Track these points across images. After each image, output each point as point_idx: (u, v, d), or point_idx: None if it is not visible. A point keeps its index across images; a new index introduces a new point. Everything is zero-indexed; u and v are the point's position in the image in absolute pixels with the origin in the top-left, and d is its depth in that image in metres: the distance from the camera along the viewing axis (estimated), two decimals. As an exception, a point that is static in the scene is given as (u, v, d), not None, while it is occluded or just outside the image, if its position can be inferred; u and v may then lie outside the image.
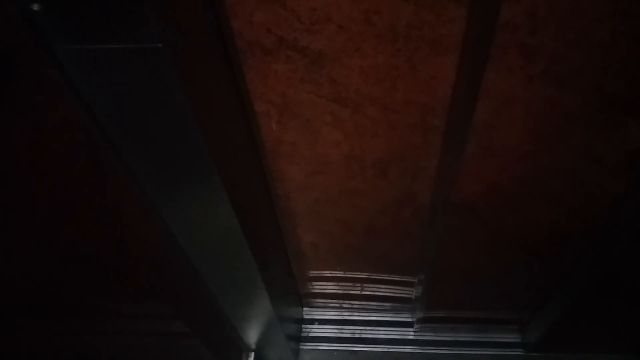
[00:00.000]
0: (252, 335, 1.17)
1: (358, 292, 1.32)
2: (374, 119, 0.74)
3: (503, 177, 0.81)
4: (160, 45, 0.46)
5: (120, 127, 0.55)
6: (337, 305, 1.39)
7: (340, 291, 1.33)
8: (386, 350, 1.35)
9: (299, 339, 1.37)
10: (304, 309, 1.41)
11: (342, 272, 1.24)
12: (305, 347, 1.36)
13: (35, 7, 0.42)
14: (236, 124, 0.72)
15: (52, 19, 0.44)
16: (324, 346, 1.36)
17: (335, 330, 1.38)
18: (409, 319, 1.39)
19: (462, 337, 1.37)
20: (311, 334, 1.38)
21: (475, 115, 0.68)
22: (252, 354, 1.25)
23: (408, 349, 1.35)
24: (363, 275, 1.25)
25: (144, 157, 0.59)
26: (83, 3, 0.43)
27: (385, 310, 1.39)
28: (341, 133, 0.77)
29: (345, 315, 1.40)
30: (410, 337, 1.37)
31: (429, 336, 1.37)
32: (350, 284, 1.30)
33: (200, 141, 0.57)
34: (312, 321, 1.39)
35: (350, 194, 0.93)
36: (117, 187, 0.62)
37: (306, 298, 1.38)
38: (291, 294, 1.29)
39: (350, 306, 1.39)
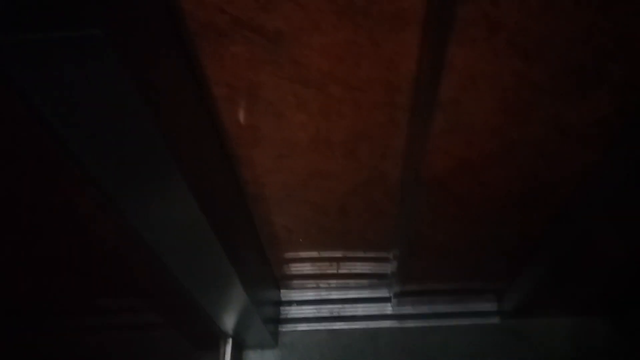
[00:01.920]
0: (228, 322, 1.16)
1: (334, 272, 1.32)
2: (339, 98, 0.72)
3: (472, 151, 0.80)
4: (101, 32, 0.43)
5: (66, 121, 0.52)
6: (314, 285, 1.39)
7: (316, 271, 1.32)
8: (365, 326, 1.36)
9: (277, 321, 1.37)
10: (281, 291, 1.40)
11: (317, 253, 1.24)
12: (284, 329, 1.36)
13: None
14: (195, 111, 0.69)
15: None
16: (303, 326, 1.36)
17: (314, 310, 1.38)
18: (387, 295, 1.40)
19: (440, 308, 1.39)
20: (290, 316, 1.37)
21: (440, 91, 0.67)
22: (230, 340, 1.24)
23: (387, 323, 1.36)
24: (338, 255, 1.25)
25: (96, 152, 0.56)
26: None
27: (362, 287, 1.40)
28: (306, 114, 0.75)
29: (323, 295, 1.40)
30: (389, 311, 1.38)
31: (406, 310, 1.38)
32: (326, 264, 1.29)
33: (154, 132, 0.55)
34: (290, 303, 1.39)
35: (320, 176, 0.91)
36: (67, 185, 0.59)
37: (283, 280, 1.37)
38: (267, 277, 1.28)
39: (327, 286, 1.39)
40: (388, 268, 1.29)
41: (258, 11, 0.59)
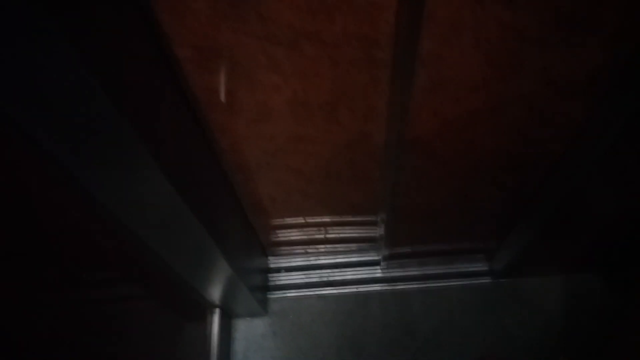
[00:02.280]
0: (214, 293, 1.14)
1: (322, 237, 1.29)
2: (314, 57, 0.67)
3: (457, 109, 0.76)
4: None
5: (17, 98, 0.47)
6: (302, 251, 1.37)
7: (304, 237, 1.30)
8: (355, 290, 1.34)
9: (266, 289, 1.35)
10: (269, 258, 1.38)
11: (304, 219, 1.21)
12: (273, 296, 1.34)
13: None
14: (157, 76, 0.64)
15: None
16: (293, 293, 1.34)
17: (303, 276, 1.36)
18: (376, 258, 1.38)
19: (430, 270, 1.37)
20: (278, 283, 1.36)
21: (421, 45, 0.62)
22: (218, 310, 1.22)
23: (377, 287, 1.35)
24: (325, 219, 1.22)
25: (52, 130, 0.52)
26: None
27: (351, 252, 1.38)
28: (279, 75, 0.70)
29: (312, 261, 1.38)
30: (378, 275, 1.36)
31: (396, 272, 1.37)
32: (314, 229, 1.27)
33: (109, 102, 0.50)
34: (278, 270, 1.37)
35: (300, 141, 0.87)
36: (30, 169, 0.55)
37: (270, 247, 1.35)
38: (252, 246, 1.25)
39: (315, 251, 1.37)
40: (376, 231, 1.27)
41: (218, -39, 0.53)
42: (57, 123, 0.52)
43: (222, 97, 0.74)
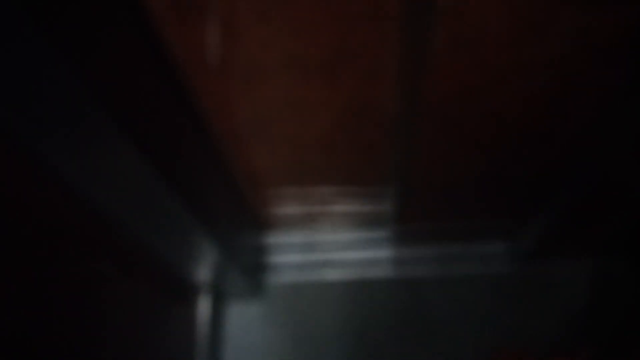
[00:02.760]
0: (203, 273, 1.11)
1: (323, 211, 1.26)
2: (311, 9, 0.62)
3: (479, 73, 0.71)
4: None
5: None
6: (301, 227, 1.34)
7: (303, 211, 1.26)
8: (360, 272, 1.32)
9: (261, 268, 1.33)
10: (265, 235, 1.35)
11: (303, 191, 1.17)
12: (269, 278, 1.32)
13: None
14: (128, 33, 0.59)
15: None
16: (290, 274, 1.32)
17: (302, 256, 1.33)
18: (384, 235, 1.34)
19: (445, 251, 1.34)
20: (274, 262, 1.33)
21: (438, -3, 0.57)
22: (208, 292, 1.20)
23: (383, 268, 1.32)
24: (327, 192, 1.18)
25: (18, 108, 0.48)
26: None
27: (356, 228, 1.34)
28: (272, 31, 0.65)
29: (312, 238, 1.35)
30: (385, 256, 1.33)
31: (406, 253, 1.33)
32: (314, 203, 1.23)
33: (68, 71, 0.46)
34: (275, 248, 1.34)
35: (297, 106, 0.82)
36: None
37: (266, 223, 1.32)
38: (245, 221, 1.22)
39: (316, 227, 1.34)
40: (384, 207, 1.23)
41: None
42: (13, 89, 0.48)
43: (206, 56, 0.69)
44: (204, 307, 1.20)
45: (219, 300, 1.26)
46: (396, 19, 0.63)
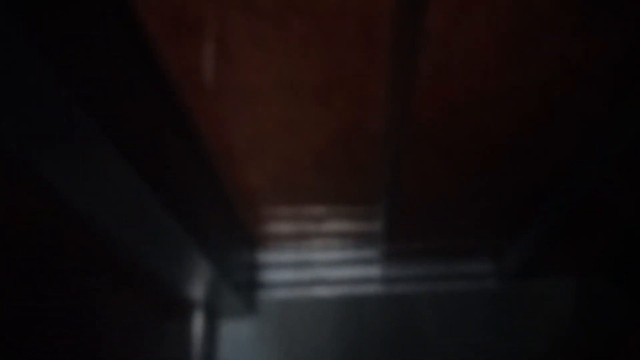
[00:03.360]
0: (195, 290, 1.11)
1: (315, 230, 1.26)
2: (303, 34, 0.63)
3: (465, 96, 0.72)
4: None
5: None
6: (293, 246, 1.34)
7: (295, 230, 1.27)
8: (350, 292, 1.32)
9: (254, 286, 1.32)
10: (257, 253, 1.35)
11: (295, 210, 1.18)
12: (261, 295, 1.32)
13: None
14: (125, 54, 0.60)
15: None
16: (283, 292, 1.32)
17: (294, 273, 1.33)
18: (374, 255, 1.35)
19: (433, 270, 1.34)
20: (267, 280, 1.33)
21: (426, 24, 0.58)
22: (201, 309, 1.19)
23: (373, 288, 1.32)
24: (319, 211, 1.19)
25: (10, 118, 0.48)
26: None
27: (347, 247, 1.35)
28: (264, 54, 0.67)
29: (304, 256, 1.35)
30: (376, 274, 1.33)
31: (395, 272, 1.34)
32: (306, 222, 1.23)
33: (62, 87, 0.47)
34: (267, 266, 1.34)
35: (289, 128, 0.83)
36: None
37: (258, 242, 1.32)
38: (238, 239, 1.22)
39: (308, 246, 1.34)
40: (374, 226, 1.24)
41: None
42: (10, 106, 0.48)
43: (201, 78, 0.70)
44: (197, 323, 1.19)
45: (213, 317, 1.26)
46: (385, 45, 0.64)
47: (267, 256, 1.35)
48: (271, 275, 1.33)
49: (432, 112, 0.76)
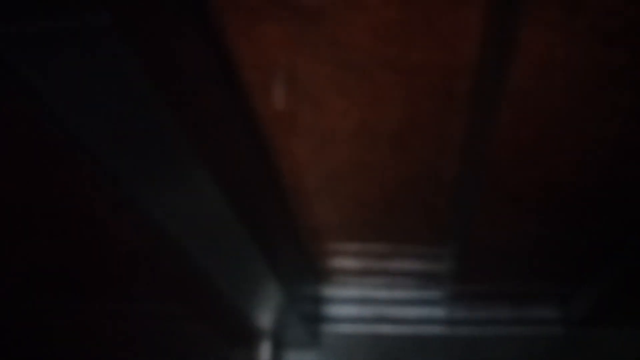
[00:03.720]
0: (265, 320, 1.14)
1: (381, 268, 1.27)
2: (386, 84, 0.67)
3: (541, 148, 0.73)
4: (108, 20, 0.39)
5: (80, 118, 0.49)
6: (358, 282, 1.35)
7: (360, 267, 1.28)
8: (413, 331, 1.31)
9: (318, 319, 1.34)
10: (323, 287, 1.37)
11: (362, 247, 1.20)
12: (325, 329, 1.33)
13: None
14: (223, 97, 0.65)
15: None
16: (346, 327, 1.33)
17: (358, 310, 1.34)
18: (438, 296, 1.34)
19: (498, 313, 1.32)
20: (331, 314, 1.35)
21: (507, 79, 0.60)
22: (268, 338, 1.22)
23: (437, 329, 1.31)
24: (385, 250, 1.20)
25: (111, 147, 0.54)
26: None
27: (411, 287, 1.35)
28: (348, 102, 0.70)
29: (368, 293, 1.36)
30: (440, 316, 1.33)
31: (460, 314, 1.32)
32: (372, 259, 1.25)
33: (172, 124, 0.52)
34: (331, 300, 1.36)
35: (365, 169, 0.86)
36: (83, 187, 0.57)
37: (324, 276, 1.34)
38: (306, 272, 1.25)
39: (372, 283, 1.35)
40: (441, 267, 1.24)
41: (294, -14, 0.54)
42: (122, 143, 0.54)
43: (287, 121, 0.75)
44: (264, 352, 1.22)
45: (278, 347, 1.28)
46: (464, 97, 0.67)
47: (332, 290, 1.37)
48: (335, 310, 1.35)
49: (506, 159, 0.77)
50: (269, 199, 0.91)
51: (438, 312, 1.33)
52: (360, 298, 1.35)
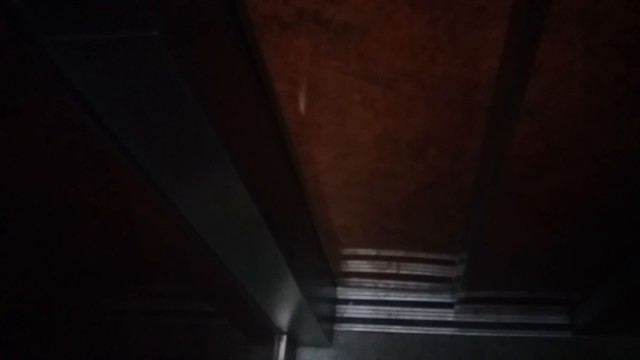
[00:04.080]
0: (282, 319, 1.15)
1: (394, 272, 1.28)
2: (409, 96, 0.68)
3: (556, 159, 0.74)
4: (156, 33, 0.41)
5: (123, 122, 0.51)
6: (372, 285, 1.36)
7: (375, 270, 1.30)
8: (424, 332, 1.32)
9: (333, 319, 1.35)
10: (338, 289, 1.39)
11: (377, 252, 1.21)
12: (339, 329, 1.34)
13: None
14: (255, 106, 0.67)
15: (35, 9, 0.40)
16: (359, 327, 1.34)
17: (371, 311, 1.35)
18: (449, 300, 1.35)
19: (506, 318, 1.32)
20: (345, 315, 1.36)
21: (526, 93, 0.61)
22: (285, 337, 1.24)
23: (448, 331, 1.32)
24: (399, 254, 1.21)
25: (152, 151, 0.55)
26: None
27: (423, 291, 1.35)
28: (372, 112, 0.72)
29: (381, 296, 1.37)
30: (450, 318, 1.33)
31: (470, 318, 1.33)
32: (386, 263, 1.26)
33: (210, 130, 0.53)
34: (346, 301, 1.37)
35: (384, 176, 0.87)
36: (123, 187, 0.58)
37: (340, 278, 1.35)
38: (323, 274, 1.26)
39: (386, 286, 1.36)
40: (452, 272, 1.25)
41: (325, 3, 0.56)
42: (162, 147, 0.56)
43: (312, 129, 0.76)
44: (280, 349, 1.23)
45: (294, 345, 1.29)
46: (484, 109, 0.68)
47: (348, 292, 1.38)
48: (350, 311, 1.36)
49: (521, 169, 0.78)
50: (292, 203, 0.93)
51: (448, 315, 1.33)
52: (373, 300, 1.36)
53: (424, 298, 1.35)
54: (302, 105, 0.71)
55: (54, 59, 0.43)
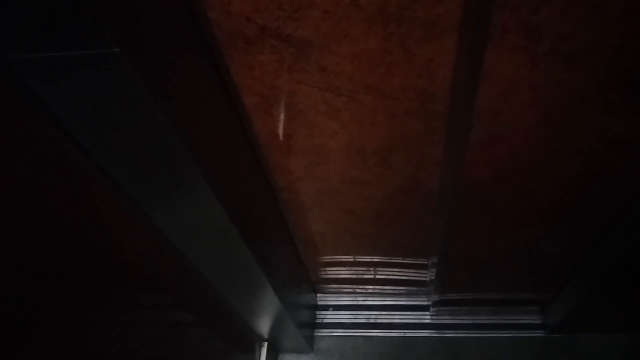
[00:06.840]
0: (263, 326, 1.15)
1: (371, 277, 1.29)
2: (371, 106, 0.70)
3: (513, 162, 0.76)
4: (118, 50, 0.42)
5: (92, 135, 0.52)
6: (350, 290, 1.37)
7: (353, 276, 1.30)
8: (402, 335, 1.33)
9: (313, 325, 1.36)
10: (317, 295, 1.39)
11: (353, 258, 1.22)
12: (320, 334, 1.34)
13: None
14: (225, 119, 0.68)
15: (0, 28, 0.41)
16: (339, 332, 1.34)
17: (350, 316, 1.36)
18: (425, 303, 1.36)
19: (481, 319, 1.34)
20: (325, 321, 1.36)
21: (478, 100, 0.63)
22: (266, 344, 1.24)
23: (424, 333, 1.33)
24: (375, 259, 1.22)
25: (122, 164, 0.56)
26: (33, 9, 0.40)
27: (400, 294, 1.36)
28: (337, 123, 0.73)
29: (360, 301, 1.38)
30: (427, 320, 1.34)
31: (445, 319, 1.34)
32: (363, 269, 1.27)
33: (178, 143, 0.54)
34: (326, 307, 1.38)
35: (354, 183, 0.89)
36: (94, 197, 0.59)
37: (319, 284, 1.36)
38: (302, 281, 1.27)
39: (364, 291, 1.37)
40: (427, 275, 1.26)
41: (285, 20, 0.57)
42: (132, 159, 0.56)
43: (282, 140, 0.77)
44: (262, 357, 1.23)
45: (275, 352, 1.29)
46: (442, 117, 0.70)
47: (327, 298, 1.38)
48: (330, 316, 1.36)
49: (482, 174, 0.80)
50: (267, 213, 0.93)
51: (425, 317, 1.34)
52: (352, 305, 1.37)
53: (402, 301, 1.36)
54: (270, 118, 0.72)
55: (20, 76, 0.44)
